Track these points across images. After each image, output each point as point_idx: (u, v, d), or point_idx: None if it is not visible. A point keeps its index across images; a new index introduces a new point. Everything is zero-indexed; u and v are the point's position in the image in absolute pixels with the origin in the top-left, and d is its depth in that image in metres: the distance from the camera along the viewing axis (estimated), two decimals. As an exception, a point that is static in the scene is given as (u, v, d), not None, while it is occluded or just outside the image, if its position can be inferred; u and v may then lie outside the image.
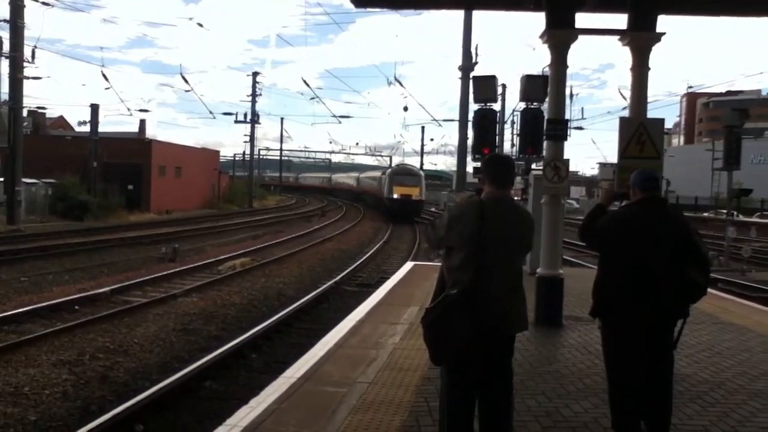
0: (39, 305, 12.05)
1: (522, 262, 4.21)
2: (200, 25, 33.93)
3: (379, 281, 15.53)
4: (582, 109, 62.87)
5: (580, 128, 42.66)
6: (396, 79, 31.81)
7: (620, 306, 4.23)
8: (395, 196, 43.54)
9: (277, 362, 9.06)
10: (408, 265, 12.98)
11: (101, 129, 39.17)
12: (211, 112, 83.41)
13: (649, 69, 8.01)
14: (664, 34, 7.85)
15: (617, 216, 4.45)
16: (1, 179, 30.12)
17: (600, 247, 4.49)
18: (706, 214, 46.23)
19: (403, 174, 45.77)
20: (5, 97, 29.16)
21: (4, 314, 11.21)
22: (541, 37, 8.09)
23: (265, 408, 4.85)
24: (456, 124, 21.63)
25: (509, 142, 32.33)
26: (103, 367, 8.93)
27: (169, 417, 7.35)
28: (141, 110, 50.10)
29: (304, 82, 45.73)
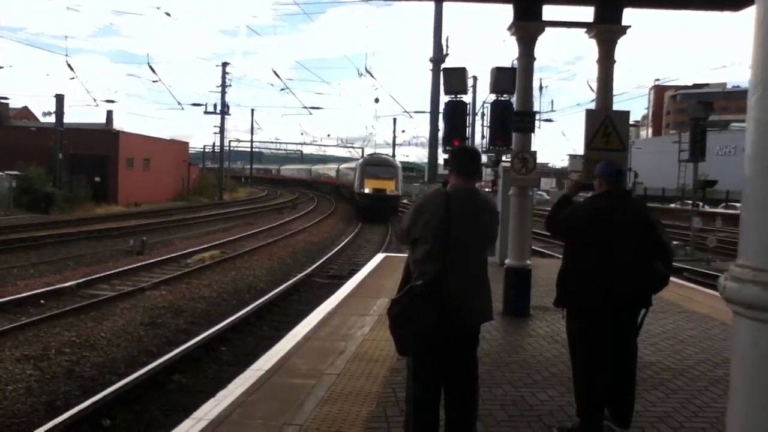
0: (3, 299, 11.81)
1: (487, 252, 4.23)
2: (168, 14, 33.50)
3: (350, 273, 15.52)
4: (552, 101, 63.54)
5: (550, 120, 43.02)
6: (367, 71, 31.69)
7: (584, 295, 4.29)
8: (366, 190, 37.37)
9: (247, 355, 9.02)
10: (379, 257, 12.99)
11: (67, 120, 38.40)
12: (179, 103, 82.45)
13: (615, 62, 8.11)
14: (629, 27, 7.95)
15: (583, 207, 4.50)
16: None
17: (565, 236, 4.54)
18: (672, 205, 47.04)
19: (376, 164, 39.82)
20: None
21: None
22: (509, 29, 8.13)
23: (233, 401, 4.83)
24: (427, 116, 21.66)
25: (480, 134, 32.41)
26: (69, 361, 8.80)
27: (136, 411, 7.28)
28: (107, 101, 49.28)
29: (275, 72, 45.29)
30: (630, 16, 8.41)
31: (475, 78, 33.32)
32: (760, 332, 1.35)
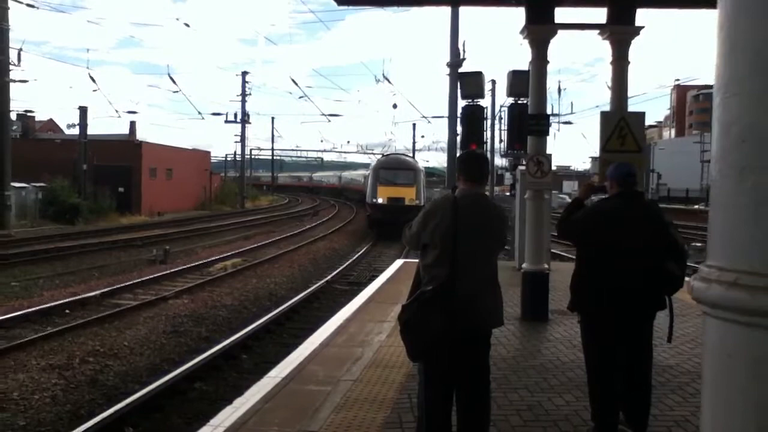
0: (29, 310, 12.04)
1: (496, 257, 4.24)
2: (187, 25, 33.90)
3: (370, 279, 15.57)
4: (572, 103, 63.03)
5: (569, 123, 42.65)
6: (384, 77, 31.68)
7: (597, 299, 4.28)
8: (379, 200, 30.21)
9: (268, 362, 9.08)
10: (398, 263, 13.02)
11: (91, 131, 39.04)
12: (199, 113, 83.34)
13: (629, 62, 8.07)
14: (642, 27, 7.91)
15: (595, 209, 4.49)
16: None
17: (577, 240, 4.54)
18: (696, 207, 46.45)
19: (392, 168, 32.35)
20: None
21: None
22: (522, 32, 8.13)
23: (249, 408, 4.89)
24: (446, 121, 21.66)
25: (499, 137, 32.29)
26: (93, 370, 8.94)
27: (158, 419, 7.38)
28: (129, 112, 50.09)
29: (293, 81, 45.29)
30: (648, 16, 8.40)
31: (493, 82, 33.23)
32: (725, 331, 1.38)
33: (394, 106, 41.35)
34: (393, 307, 8.75)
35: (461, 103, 14.98)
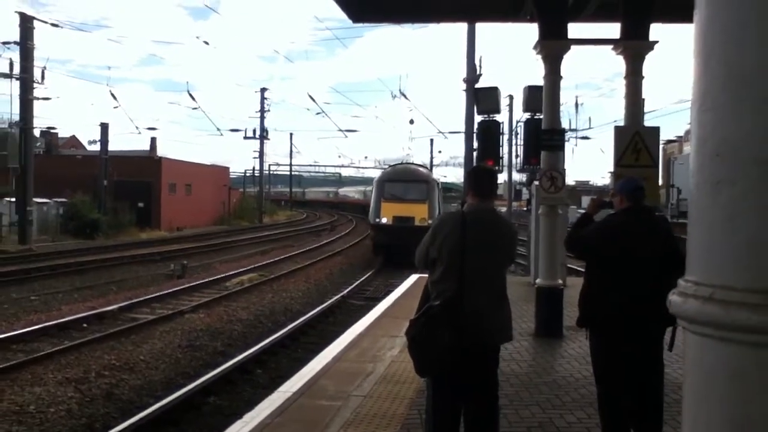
0: (47, 324, 12.18)
1: (505, 272, 4.23)
2: (206, 43, 34.41)
3: (386, 294, 15.55)
4: (589, 118, 62.80)
5: (587, 138, 42.46)
6: (401, 93, 31.87)
7: (607, 315, 4.24)
8: (383, 220, 24.83)
9: (281, 377, 9.08)
10: (412, 278, 13.00)
11: (112, 147, 39.61)
12: (218, 129, 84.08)
13: (643, 77, 8.04)
14: (657, 42, 7.89)
15: (603, 225, 4.46)
16: (14, 199, 30.46)
17: (586, 255, 4.51)
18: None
19: (399, 180, 26.47)
20: (16, 117, 29.50)
21: (12, 333, 11.35)
22: (535, 48, 8.15)
23: (259, 422, 4.89)
24: (463, 136, 21.70)
25: (515, 152, 32.19)
26: (109, 384, 9.00)
27: (172, 433, 7.41)
28: (149, 128, 50.66)
29: (310, 97, 45.84)
30: (665, 31, 8.38)
31: (510, 97, 33.25)
32: (702, 346, 1.37)
33: (411, 121, 41.54)
34: (406, 322, 8.72)
35: (478, 118, 15.05)
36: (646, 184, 5.51)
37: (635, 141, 7.65)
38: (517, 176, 31.28)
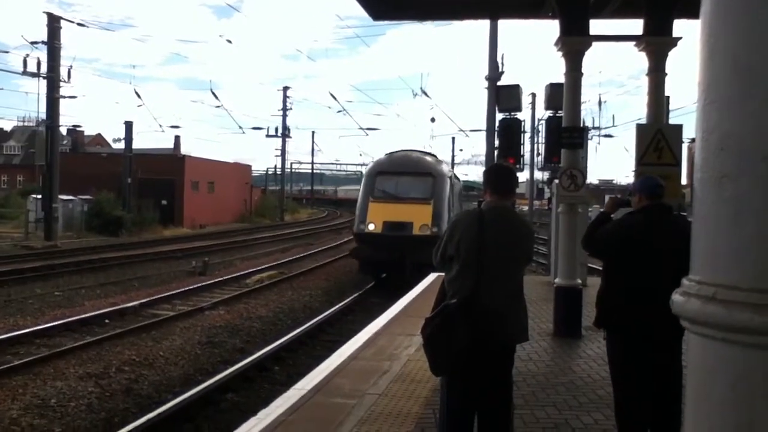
0: (70, 319, 12.35)
1: (522, 271, 4.18)
2: (229, 41, 34.40)
3: (406, 292, 15.51)
4: (613, 116, 62.15)
5: (610, 136, 41.99)
6: (422, 91, 31.74)
7: (623, 316, 4.17)
8: (370, 227, 17.97)
9: (300, 375, 9.09)
10: (431, 277, 12.93)
11: (137, 145, 40.00)
12: (240, 127, 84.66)
13: (666, 74, 7.92)
14: (680, 38, 7.76)
15: (621, 224, 4.38)
16: (40, 196, 30.96)
17: (603, 255, 4.44)
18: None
19: (394, 172, 19.31)
20: (44, 116, 29.96)
21: (36, 328, 11.54)
22: (556, 44, 8.06)
23: (273, 419, 4.89)
24: (484, 134, 21.59)
25: (537, 150, 31.94)
26: (128, 379, 9.09)
27: (189, 429, 7.46)
28: (173, 126, 51.25)
29: (332, 96, 45.79)
30: (688, 27, 8.21)
31: (533, 95, 33.01)
32: (704, 347, 1.32)
33: (432, 119, 41.02)
34: (423, 320, 8.70)
35: (500, 116, 14.95)
36: (667, 183, 5.42)
37: (657, 139, 7.53)
38: (539, 174, 31.06)
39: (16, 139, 76.11)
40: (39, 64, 29.03)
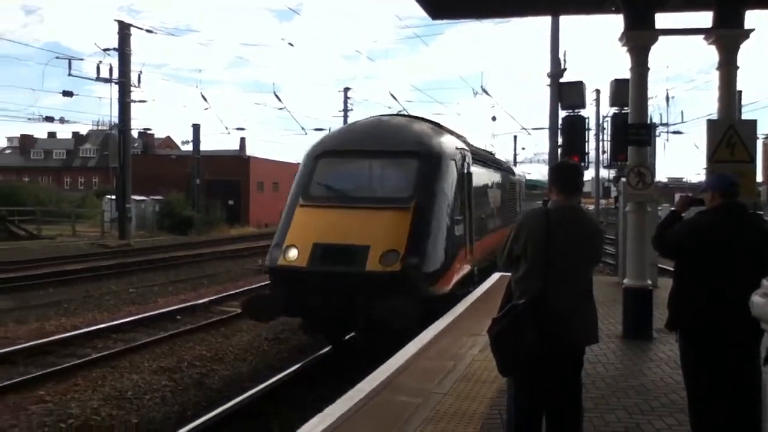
0: (144, 315, 12.86)
1: (591, 272, 4.12)
2: (291, 44, 35.04)
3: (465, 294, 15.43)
4: (681, 112, 59.94)
5: (679, 132, 40.58)
6: (483, 89, 31.45)
7: (696, 317, 4.06)
8: (290, 254, 9.26)
9: (364, 372, 9.22)
10: (494, 277, 12.81)
11: (205, 147, 41.18)
12: (303, 128, 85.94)
13: (737, 68, 7.63)
14: (752, 30, 7.45)
15: (693, 223, 4.26)
16: (114, 197, 32.29)
17: (674, 255, 4.33)
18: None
19: (347, 154, 10.39)
20: (116, 120, 31.18)
21: (112, 323, 12.08)
22: (620, 39, 7.88)
23: (339, 416, 4.98)
24: (547, 132, 21.28)
25: (602, 148, 31.22)
26: (200, 374, 9.41)
27: (258, 423, 7.67)
28: (238, 128, 52.30)
29: (392, 96, 45.90)
30: (761, 18, 7.91)
31: (597, 91, 32.31)
32: None
33: (493, 118, 40.37)
34: (487, 321, 8.64)
35: (562, 113, 14.70)
36: (741, 180, 5.24)
37: (729, 135, 7.28)
38: (604, 173, 30.34)
39: (91, 143, 79.61)
40: (111, 70, 30.26)
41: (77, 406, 7.93)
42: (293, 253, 9.25)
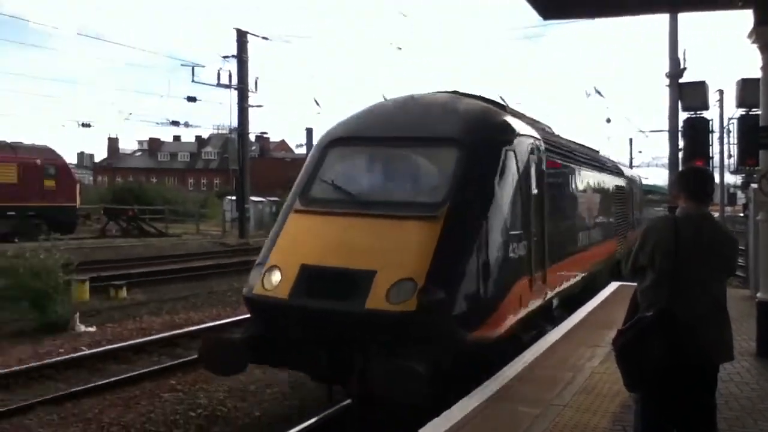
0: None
1: (725, 284, 3.93)
2: (399, 48, 35.22)
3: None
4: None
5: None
6: (596, 90, 30.45)
7: None
8: (274, 279, 6.71)
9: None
10: (612, 286, 12.39)
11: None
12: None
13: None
14: None
15: None
16: (234, 197, 33.98)
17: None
18: None
19: (364, 142, 7.69)
20: (235, 124, 32.76)
21: (235, 318, 12.81)
22: (749, 36, 7.43)
23: (457, 421, 5.04)
24: (665, 135, 20.34)
25: (727, 152, 29.42)
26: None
27: (367, 423, 7.83)
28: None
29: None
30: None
31: (720, 92, 30.53)
32: None
33: (608, 120, 38.49)
34: (607, 332, 8.37)
35: (683, 115, 14.01)
36: None
37: None
38: (730, 178, 28.56)
39: (212, 146, 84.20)
40: (230, 76, 31.84)
41: (205, 396, 8.47)
42: (275, 278, 6.68)
